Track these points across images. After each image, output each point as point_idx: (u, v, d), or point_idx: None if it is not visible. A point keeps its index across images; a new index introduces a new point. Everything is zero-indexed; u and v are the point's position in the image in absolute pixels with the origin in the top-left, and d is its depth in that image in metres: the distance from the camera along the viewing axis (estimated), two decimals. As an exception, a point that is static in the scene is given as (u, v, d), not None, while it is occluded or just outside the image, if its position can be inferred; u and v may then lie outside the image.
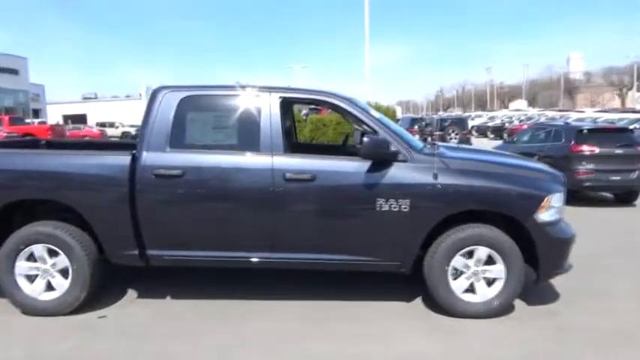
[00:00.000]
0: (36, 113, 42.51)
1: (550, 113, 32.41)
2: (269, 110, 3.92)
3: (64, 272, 3.94)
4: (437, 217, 3.81)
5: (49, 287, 3.97)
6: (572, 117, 24.69)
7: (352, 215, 3.87)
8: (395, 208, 3.78)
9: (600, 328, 3.79)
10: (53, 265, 3.93)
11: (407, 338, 3.64)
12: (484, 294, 3.91)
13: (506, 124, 31.89)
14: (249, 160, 3.86)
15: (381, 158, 3.78)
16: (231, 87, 4.12)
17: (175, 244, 3.94)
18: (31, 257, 3.93)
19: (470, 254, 3.90)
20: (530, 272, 4.06)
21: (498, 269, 3.89)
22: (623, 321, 3.93)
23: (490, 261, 3.90)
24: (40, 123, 31.54)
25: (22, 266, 3.92)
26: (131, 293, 4.47)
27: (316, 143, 10.31)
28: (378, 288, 4.52)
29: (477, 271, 3.91)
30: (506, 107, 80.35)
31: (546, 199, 3.84)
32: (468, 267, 3.91)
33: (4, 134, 22.99)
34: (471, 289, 3.94)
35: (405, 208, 3.78)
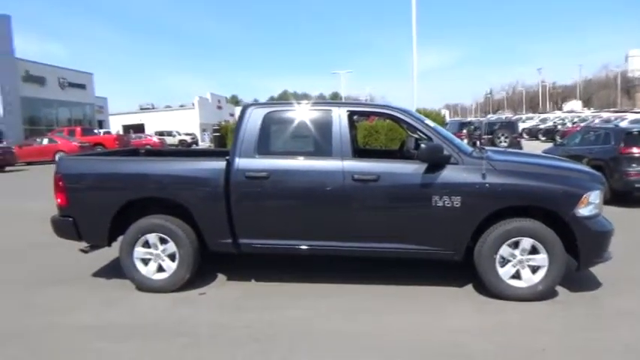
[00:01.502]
0: (100, 124, 45.46)
1: (605, 114, 31.57)
2: (339, 122, 4.66)
3: (172, 257, 4.82)
4: (485, 211, 4.41)
5: (160, 269, 4.87)
6: (629, 118, 24.06)
7: (411, 210, 4.53)
8: (448, 204, 4.41)
9: (633, 308, 4.25)
10: (164, 250, 4.82)
11: (460, 314, 4.24)
12: (529, 279, 4.46)
13: (559, 127, 31.37)
14: (323, 163, 4.61)
15: (436, 161, 4.43)
16: (306, 103, 4.88)
17: (262, 234, 4.73)
18: (145, 244, 4.84)
19: (516, 244, 4.45)
20: (573, 262, 4.58)
21: (541, 258, 4.43)
22: (659, 305, 4.37)
23: (534, 250, 4.45)
24: (105, 133, 33.86)
25: (139, 251, 4.84)
26: (221, 276, 5.32)
27: (372, 148, 11.00)
28: (433, 275, 5.14)
29: (522, 260, 4.46)
30: (560, 108, 77.94)
31: (584, 196, 4.35)
32: (514, 256, 4.47)
33: (78, 144, 25.08)
34: (517, 276, 4.50)
35: (457, 204, 4.40)
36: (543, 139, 31.69)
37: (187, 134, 47.28)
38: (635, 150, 9.20)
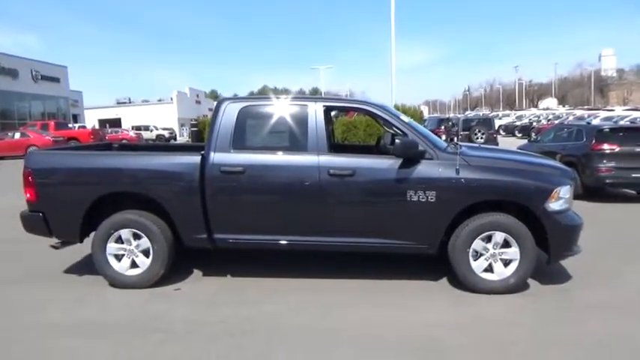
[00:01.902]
0: (75, 118, 44.47)
1: (578, 112, 32.29)
2: (315, 117, 4.66)
3: (146, 252, 4.76)
4: (459, 206, 4.47)
5: (134, 265, 4.80)
6: (601, 115, 24.67)
7: (386, 205, 4.56)
8: (423, 198, 4.45)
9: (603, 301, 4.37)
10: (137, 246, 4.76)
11: (436, 308, 4.29)
12: (501, 273, 4.54)
13: (534, 124, 31.97)
14: (299, 158, 4.60)
15: (411, 157, 4.46)
16: (282, 98, 4.86)
17: (238, 230, 4.71)
18: (119, 240, 4.77)
19: (489, 238, 4.53)
20: (543, 255, 4.68)
21: (513, 251, 4.51)
22: (625, 295, 4.49)
23: (506, 244, 4.53)
24: (80, 127, 33.16)
25: (112, 247, 4.76)
26: (197, 272, 5.27)
27: (349, 144, 11.03)
28: (408, 269, 5.19)
29: (494, 253, 4.54)
30: (536, 106, 79.39)
31: (555, 190, 4.45)
32: (486, 249, 4.54)
33: (52, 138, 24.52)
34: (489, 269, 4.58)
35: (432, 198, 4.45)
36: (519, 135, 32.27)
37: (165, 129, 46.59)
38: (606, 147, 9.43)
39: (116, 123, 53.31)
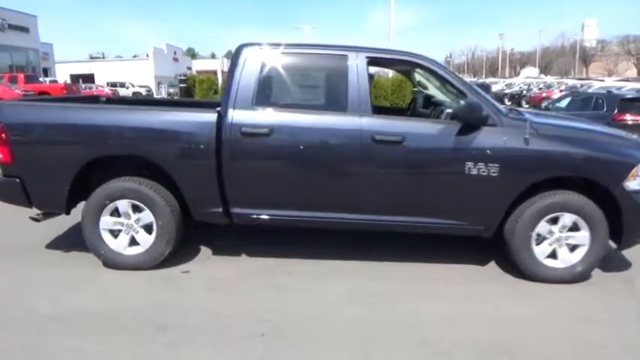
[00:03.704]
0: (45, 72, 41.92)
1: (570, 81, 31.86)
2: (356, 71, 3.84)
3: (147, 228, 3.97)
4: (526, 182, 3.79)
5: (132, 242, 4.01)
6: (595, 85, 24.24)
7: (440, 179, 3.85)
8: (484, 172, 3.75)
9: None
10: (137, 220, 3.96)
11: (496, 300, 3.67)
12: (567, 259, 3.92)
13: (524, 92, 31.46)
14: (337, 120, 3.81)
15: (474, 122, 3.72)
16: (317, 45, 4.02)
17: (260, 204, 3.94)
18: (114, 212, 3.96)
19: (553, 220, 3.89)
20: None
21: (582, 236, 3.88)
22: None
23: (574, 227, 3.90)
24: (51, 82, 31.18)
25: (107, 221, 3.95)
26: (205, 250, 4.51)
27: (379, 105, 10.16)
28: (444, 250, 4.54)
29: (559, 238, 3.91)
30: (517, 74, 79.05)
31: (636, 167, 3.79)
32: (551, 233, 3.90)
33: (21, 92, 22.83)
34: (552, 255, 3.96)
35: (494, 172, 3.74)
36: (509, 103, 31.78)
37: (142, 86, 44.51)
38: (628, 117, 8.90)
39: (89, 79, 50.67)
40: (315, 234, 4.76)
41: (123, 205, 3.91)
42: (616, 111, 8.98)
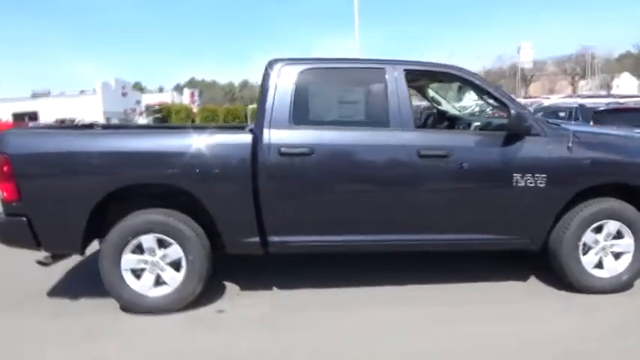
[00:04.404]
0: (-16, 110, 39.67)
1: (521, 100, 33.37)
2: (395, 84, 3.68)
3: (175, 265, 3.59)
4: (572, 191, 3.72)
5: (157, 282, 3.61)
6: (544, 103, 25.45)
7: (488, 192, 3.72)
8: (531, 183, 3.65)
9: None
10: (163, 257, 3.56)
11: (554, 316, 3.52)
12: (613, 269, 3.85)
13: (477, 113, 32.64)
14: (381, 136, 3.62)
15: (524, 132, 3.64)
16: (353, 60, 3.86)
17: (301, 229, 3.65)
18: (137, 249, 3.55)
19: (598, 229, 3.83)
20: None
21: (627, 243, 3.84)
22: None
23: (617, 235, 3.85)
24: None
25: (129, 259, 3.53)
26: (230, 286, 4.13)
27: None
28: (479, 268, 4.38)
29: (605, 246, 3.85)
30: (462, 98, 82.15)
31: None
32: (597, 242, 3.83)
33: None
34: (598, 265, 3.88)
35: (541, 183, 3.66)
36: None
37: (93, 123, 42.81)
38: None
39: (33, 116, 48.33)
40: (332, 258, 4.48)
41: (148, 240, 3.52)
42: (591, 122, 9.30)
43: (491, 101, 3.96)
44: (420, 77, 4.14)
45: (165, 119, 10.15)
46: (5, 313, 3.68)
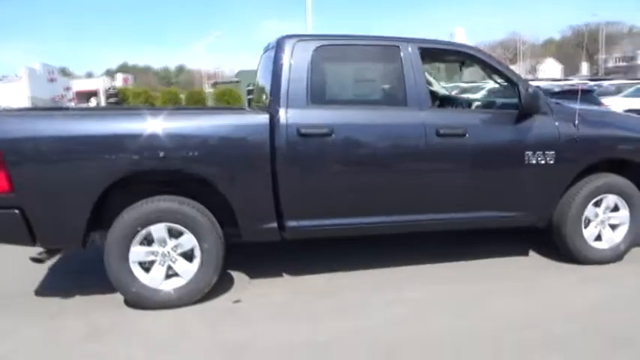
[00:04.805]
0: None
1: (463, 85, 34.47)
2: (411, 62, 3.61)
3: (187, 255, 3.36)
4: (579, 167, 3.85)
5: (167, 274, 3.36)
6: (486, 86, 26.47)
7: (501, 170, 3.76)
8: (542, 160, 3.74)
9: None
10: (175, 247, 3.32)
11: (577, 289, 3.63)
12: (611, 240, 4.04)
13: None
14: (399, 115, 3.55)
15: (536, 110, 3.69)
16: (367, 37, 3.72)
17: (319, 213, 3.52)
18: (145, 240, 3.29)
19: (597, 203, 3.99)
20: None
21: (623, 215, 4.03)
22: None
23: (614, 208, 4.03)
24: None
25: (138, 252, 3.26)
26: (238, 275, 3.92)
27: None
28: (476, 243, 4.47)
29: (603, 219, 4.02)
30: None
31: None
32: (596, 215, 4.00)
33: None
34: (598, 237, 4.05)
35: (551, 160, 3.75)
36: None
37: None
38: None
39: (-53, 103, 44.14)
40: (328, 242, 4.37)
41: (158, 230, 3.26)
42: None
43: (501, 81, 3.99)
44: (433, 56, 4.09)
45: (120, 103, 9.38)
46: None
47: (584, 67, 60.57)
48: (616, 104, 13.03)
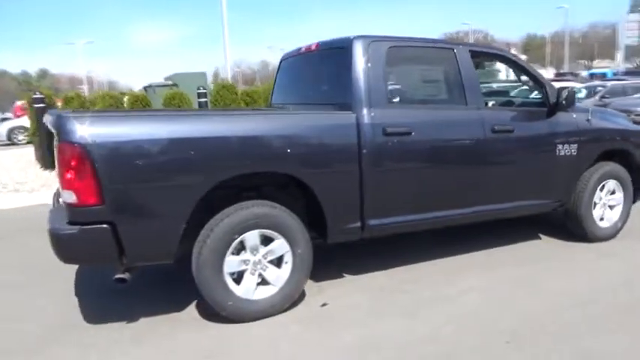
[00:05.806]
0: None
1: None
2: (465, 64, 3.86)
3: (276, 262, 3.23)
4: (593, 156, 4.43)
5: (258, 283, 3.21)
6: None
7: (540, 162, 4.18)
8: (567, 152, 4.23)
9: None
10: (266, 254, 3.18)
11: (602, 264, 4.12)
12: (611, 219, 4.69)
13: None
14: (463, 114, 3.78)
15: (564, 109, 4.17)
16: (427, 40, 3.87)
17: (397, 210, 3.59)
18: (237, 249, 3.10)
19: (602, 187, 4.60)
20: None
21: (619, 196, 4.70)
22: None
23: (612, 191, 4.68)
24: None
25: (231, 261, 3.06)
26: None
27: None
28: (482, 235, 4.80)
29: (605, 201, 4.65)
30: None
31: None
32: (600, 198, 4.61)
33: None
34: (601, 217, 4.67)
35: (574, 151, 4.26)
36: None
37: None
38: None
39: None
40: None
41: (252, 237, 3.09)
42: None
43: (531, 83, 4.41)
44: (477, 59, 4.37)
45: (44, 110, 8.03)
46: (50, 348, 2.86)
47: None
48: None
